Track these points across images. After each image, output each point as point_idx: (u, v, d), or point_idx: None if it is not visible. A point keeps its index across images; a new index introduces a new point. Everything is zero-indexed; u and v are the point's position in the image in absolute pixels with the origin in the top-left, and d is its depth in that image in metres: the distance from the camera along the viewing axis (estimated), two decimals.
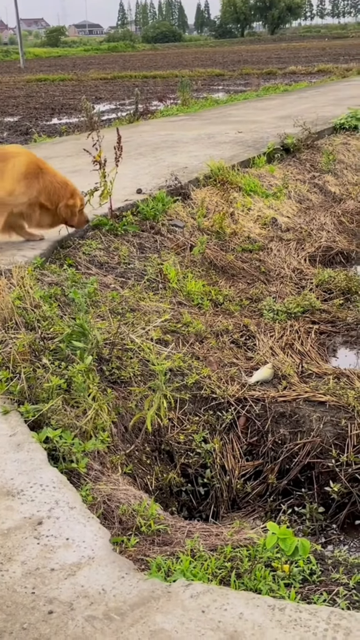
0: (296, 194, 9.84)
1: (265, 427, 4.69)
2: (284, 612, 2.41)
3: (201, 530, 3.26)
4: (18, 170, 5.97)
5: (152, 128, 14.26)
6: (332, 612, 2.42)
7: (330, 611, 2.42)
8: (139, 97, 18.02)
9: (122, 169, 8.16)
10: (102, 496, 3.30)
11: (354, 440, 4.44)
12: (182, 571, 2.71)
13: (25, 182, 5.99)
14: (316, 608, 2.44)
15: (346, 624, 2.35)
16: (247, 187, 9.13)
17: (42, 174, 6.10)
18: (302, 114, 13.91)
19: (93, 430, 3.91)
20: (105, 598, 2.48)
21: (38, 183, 6.06)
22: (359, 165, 11.84)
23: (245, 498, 4.50)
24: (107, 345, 4.76)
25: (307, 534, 4.08)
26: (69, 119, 20.75)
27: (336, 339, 6.12)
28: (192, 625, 2.35)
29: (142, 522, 3.16)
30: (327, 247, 8.33)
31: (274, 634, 2.31)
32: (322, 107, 16.00)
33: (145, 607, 2.44)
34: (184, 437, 4.51)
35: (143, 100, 21.41)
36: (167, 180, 8.40)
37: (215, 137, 12.19)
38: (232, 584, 2.70)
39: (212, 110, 17.58)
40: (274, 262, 7.69)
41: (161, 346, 5.18)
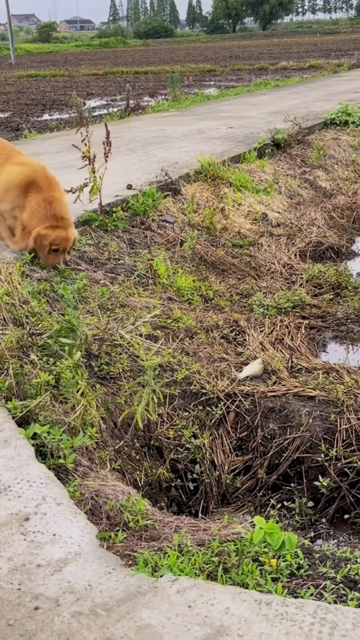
0: (287, 189, 9.83)
1: (255, 422, 4.69)
2: (271, 607, 2.41)
3: (189, 525, 3.25)
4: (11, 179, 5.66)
5: (143, 124, 14.22)
6: (319, 606, 2.41)
7: (317, 605, 2.42)
8: (130, 92, 17.97)
9: (113, 165, 8.14)
10: (90, 492, 3.29)
11: (343, 435, 4.45)
12: (169, 566, 2.71)
13: (13, 194, 5.62)
14: (303, 602, 2.44)
15: (332, 617, 2.35)
16: (237, 182, 9.11)
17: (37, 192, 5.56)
18: (293, 110, 13.90)
19: (82, 426, 3.90)
20: (92, 594, 2.48)
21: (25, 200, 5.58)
22: (349, 160, 11.84)
23: (234, 493, 4.50)
24: (96, 341, 4.75)
25: (296, 528, 4.08)
26: (60, 115, 20.68)
27: (326, 333, 6.12)
28: (178, 620, 2.35)
29: (130, 517, 3.16)
30: (317, 242, 8.32)
31: (260, 628, 2.30)
32: (313, 102, 15.99)
33: (131, 603, 2.44)
34: (174, 433, 4.50)
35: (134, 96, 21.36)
36: (157, 176, 8.37)
37: (206, 133, 12.16)
38: (219, 578, 2.70)
39: (203, 105, 17.55)
40: (264, 258, 7.68)
41: (151, 342, 5.17)
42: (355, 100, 15.53)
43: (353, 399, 4.64)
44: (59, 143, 11.93)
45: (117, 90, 27.46)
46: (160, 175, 8.35)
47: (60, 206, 5.65)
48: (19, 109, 22.72)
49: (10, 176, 5.64)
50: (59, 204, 5.64)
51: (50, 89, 30.05)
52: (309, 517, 4.20)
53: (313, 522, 4.22)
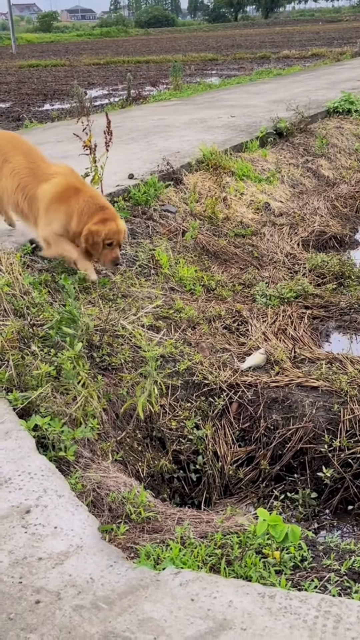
0: (289, 178, 9.76)
1: (258, 412, 4.66)
2: (274, 600, 2.38)
3: (192, 517, 3.23)
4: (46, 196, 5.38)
5: (144, 113, 14.14)
6: (323, 599, 2.39)
7: (321, 598, 2.40)
8: (132, 82, 17.87)
9: (114, 154, 8.08)
10: (92, 484, 3.26)
11: (347, 425, 4.42)
12: (172, 559, 2.68)
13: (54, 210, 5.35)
14: (306, 595, 2.41)
15: (337, 610, 2.32)
16: (239, 171, 9.05)
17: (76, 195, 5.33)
18: (295, 98, 13.81)
19: (83, 417, 3.87)
20: (93, 587, 2.45)
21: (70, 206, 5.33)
22: (352, 149, 11.76)
23: (237, 484, 4.48)
24: (97, 331, 4.71)
25: (299, 519, 4.06)
26: (62, 105, 20.57)
27: (329, 323, 6.08)
28: (181, 613, 2.32)
29: (132, 509, 3.13)
30: (320, 231, 8.27)
31: (264, 622, 2.28)
32: (315, 90, 15.89)
33: (133, 596, 2.41)
34: (176, 424, 4.47)
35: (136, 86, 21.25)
36: (159, 165, 8.31)
37: (207, 122, 12.08)
38: (222, 571, 2.67)
39: (204, 94, 17.45)
40: (266, 247, 7.64)
41: (153, 332, 5.13)
42: (358, 88, 15.42)
43: (357, 389, 4.61)
44: (60, 133, 11.86)
45: (119, 80, 27.31)
46: (162, 164, 8.29)
47: (101, 198, 5.44)
48: (20, 99, 22.61)
49: (44, 194, 5.38)
50: (100, 197, 5.45)
51: (52, 78, 29.90)
52: (313, 509, 4.17)
53: (316, 514, 4.20)
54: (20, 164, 5.59)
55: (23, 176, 5.55)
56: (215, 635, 2.23)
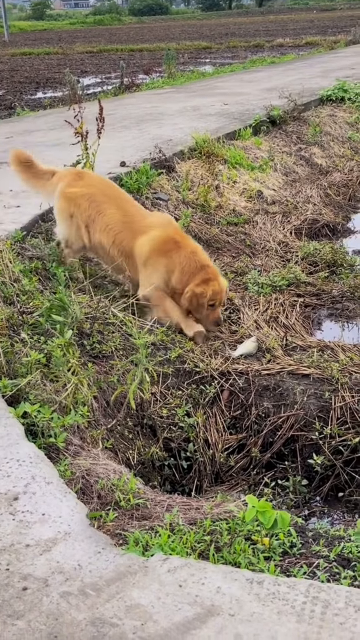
0: (282, 166, 9.73)
1: (249, 400, 4.65)
2: (262, 586, 2.37)
3: (181, 504, 3.22)
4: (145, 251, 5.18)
5: (137, 101, 14.07)
6: (311, 585, 2.38)
7: (309, 584, 2.39)
8: (125, 70, 17.76)
9: (106, 142, 8.03)
10: (81, 471, 3.25)
11: (338, 413, 4.41)
12: (160, 545, 2.67)
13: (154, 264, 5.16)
14: (295, 581, 2.41)
15: (325, 596, 2.32)
16: (232, 159, 9.01)
17: (176, 250, 5.12)
18: (288, 86, 13.75)
19: (73, 404, 3.85)
20: (81, 574, 2.44)
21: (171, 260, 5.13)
22: (345, 137, 11.72)
23: (228, 472, 4.47)
24: (88, 319, 4.69)
25: (290, 506, 4.06)
26: (54, 93, 20.44)
27: (321, 311, 6.07)
28: (168, 600, 2.31)
29: (121, 496, 3.12)
30: (313, 219, 8.25)
31: (252, 608, 2.27)
32: (309, 79, 15.82)
33: (121, 582, 2.40)
34: (167, 411, 4.46)
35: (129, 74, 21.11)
36: (151, 153, 8.28)
37: (200, 110, 12.03)
38: (210, 557, 2.66)
39: (198, 82, 17.36)
40: (259, 235, 7.61)
41: (144, 320, 5.11)
42: (352, 76, 15.37)
43: (348, 376, 4.60)
44: (51, 120, 11.79)
45: (112, 68, 27.15)
46: (154, 152, 8.25)
47: (203, 255, 5.22)
48: (13, 87, 22.47)
49: (142, 249, 5.17)
50: (201, 253, 5.22)
51: (44, 66, 29.71)
52: (303, 496, 4.17)
53: (307, 501, 4.20)
54: (114, 217, 5.34)
55: (118, 231, 5.31)
56: (203, 621, 2.22)
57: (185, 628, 2.19)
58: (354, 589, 2.39)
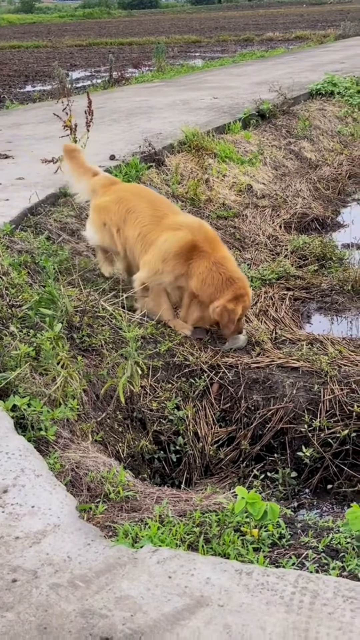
0: (272, 160, 9.73)
1: (239, 393, 4.66)
2: (251, 576, 2.38)
3: (171, 496, 3.22)
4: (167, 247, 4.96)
5: (126, 94, 14.03)
6: (300, 576, 2.39)
7: (298, 574, 2.40)
8: (114, 63, 17.71)
9: (95, 136, 8.01)
10: (71, 464, 3.25)
11: (327, 405, 4.43)
12: (150, 537, 2.68)
13: (172, 264, 4.94)
14: (284, 572, 2.42)
15: (313, 587, 2.33)
16: (222, 153, 9.01)
17: (200, 257, 4.90)
18: (278, 80, 13.73)
19: (62, 398, 3.85)
20: (71, 565, 2.44)
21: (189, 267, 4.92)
22: (335, 131, 11.73)
23: (218, 464, 4.49)
24: (77, 312, 4.68)
25: (279, 498, 4.08)
26: (43, 87, 20.35)
27: (310, 305, 6.09)
28: (158, 591, 2.32)
29: (111, 489, 3.12)
30: (302, 213, 8.27)
31: (241, 598, 2.28)
32: (298, 73, 15.82)
33: (111, 574, 2.40)
34: (157, 405, 4.46)
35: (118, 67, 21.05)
36: (141, 147, 8.26)
37: (190, 103, 12.01)
38: (200, 549, 2.67)
39: (187, 76, 17.32)
40: (249, 229, 7.62)
41: (133, 313, 5.11)
42: (341, 70, 15.37)
43: (337, 369, 4.62)
44: (40, 114, 11.74)
45: (101, 62, 27.05)
46: (144, 146, 8.23)
47: (232, 264, 5.01)
48: (1, 80, 22.34)
49: (166, 244, 4.95)
50: (229, 263, 4.99)
51: (33, 60, 29.55)
52: (292, 488, 4.19)
53: (296, 493, 4.22)
54: (145, 212, 5.17)
55: (145, 224, 5.13)
56: (192, 612, 2.23)
57: (175, 619, 2.20)
58: (343, 579, 2.40)
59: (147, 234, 5.09)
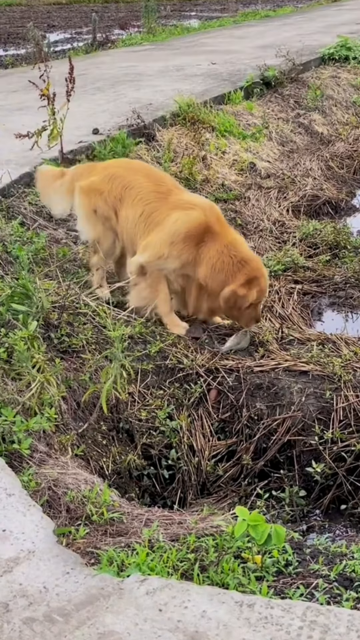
0: (278, 135, 9.76)
1: (240, 401, 4.68)
2: (253, 609, 2.40)
3: (162, 518, 3.24)
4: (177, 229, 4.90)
5: (112, 59, 14.05)
6: (309, 608, 2.41)
7: (306, 607, 2.42)
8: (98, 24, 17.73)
9: (77, 106, 8.02)
10: (48, 481, 3.26)
11: (340, 415, 4.45)
12: (138, 565, 2.69)
13: (180, 247, 4.90)
14: (290, 603, 2.43)
15: (324, 620, 2.34)
16: (221, 126, 9.03)
17: (213, 240, 4.88)
18: (285, 43, 13.74)
19: (38, 406, 3.86)
20: (47, 597, 2.45)
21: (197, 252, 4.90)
22: (350, 101, 11.77)
23: (216, 482, 4.50)
24: (55, 308, 4.69)
25: (286, 520, 4.10)
26: (17, 50, 20.36)
27: (322, 300, 6.11)
28: (147, 626, 2.33)
29: (94, 510, 3.13)
30: (312, 195, 8.30)
31: (241, 634, 2.29)
32: (308, 35, 15.85)
33: (93, 607, 2.41)
34: (146, 414, 4.48)
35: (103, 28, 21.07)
36: (128, 119, 8.28)
37: (185, 70, 12.04)
38: (195, 578, 2.68)
39: (182, 39, 17.35)
40: (252, 214, 7.64)
41: (120, 310, 5.12)
42: (357, 32, 15.41)
43: (351, 373, 4.64)
44: (14, 81, 11.74)
45: (83, 22, 27.05)
46: (132, 118, 8.25)
47: (244, 247, 5.02)
48: None
49: (176, 225, 4.88)
50: (241, 245, 4.99)
51: (6, 20, 29.53)
52: (301, 508, 4.21)
53: (305, 514, 4.24)
54: (146, 187, 5.07)
55: (149, 201, 5.03)
56: None
57: None
58: (357, 612, 2.42)
59: (152, 212, 5.01)
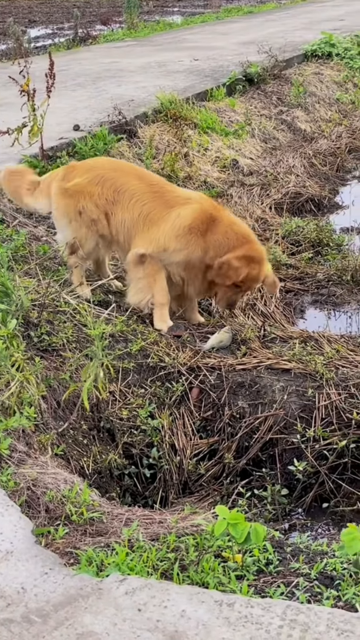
0: (261, 131, 9.78)
1: (222, 399, 4.68)
2: (233, 608, 2.40)
3: (142, 518, 3.23)
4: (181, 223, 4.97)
5: (93, 55, 14.03)
6: (289, 607, 2.41)
7: (286, 605, 2.42)
8: (79, 19, 17.68)
9: (57, 102, 7.99)
10: (27, 481, 3.25)
11: (322, 413, 4.46)
12: (117, 564, 2.69)
13: (185, 240, 4.98)
14: (270, 602, 2.44)
15: (304, 619, 2.35)
16: (203, 123, 9.04)
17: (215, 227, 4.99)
18: (268, 39, 13.76)
19: (17, 405, 3.84)
20: (25, 598, 2.45)
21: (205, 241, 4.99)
22: (333, 98, 11.80)
23: (198, 481, 4.50)
24: (35, 307, 4.68)
25: (268, 519, 4.10)
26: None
27: (304, 298, 6.13)
28: (125, 626, 2.33)
29: (73, 509, 3.12)
30: (295, 193, 8.31)
31: (221, 633, 2.30)
32: (291, 31, 15.88)
33: (71, 607, 2.41)
34: (128, 413, 4.47)
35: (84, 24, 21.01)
36: (109, 115, 8.28)
37: (167, 66, 12.04)
38: (174, 577, 2.68)
39: (164, 34, 17.34)
40: (234, 211, 7.61)
41: (101, 308, 5.11)
42: (340, 29, 15.45)
43: (334, 371, 4.65)
44: None
45: (65, 17, 26.95)
46: (113, 114, 8.25)
47: (243, 226, 5.18)
48: None
49: (179, 220, 4.97)
50: (240, 224, 5.17)
51: None
52: (283, 507, 4.21)
53: (287, 512, 4.24)
54: (139, 189, 5.11)
55: (145, 202, 5.07)
56: None
57: None
58: (337, 610, 2.43)
59: (150, 212, 5.07)
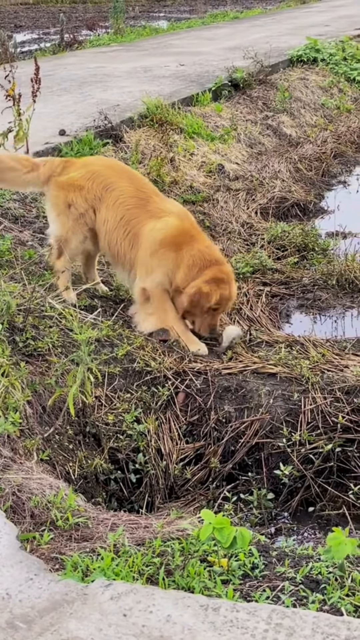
0: (246, 136, 9.80)
1: (208, 403, 4.68)
2: (219, 613, 2.40)
3: (128, 523, 3.23)
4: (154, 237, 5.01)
5: (79, 60, 14.02)
6: (274, 611, 2.41)
7: (272, 609, 2.42)
8: (65, 24, 17.68)
9: (43, 107, 8.01)
10: (12, 487, 3.24)
11: (308, 417, 4.47)
12: (103, 570, 2.68)
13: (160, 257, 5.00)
14: (255, 607, 2.44)
15: (289, 623, 2.35)
16: (189, 128, 9.05)
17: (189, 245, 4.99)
18: (254, 45, 13.81)
19: (2, 410, 3.83)
20: (10, 604, 2.43)
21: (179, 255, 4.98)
22: (318, 103, 11.84)
23: (184, 485, 4.50)
24: (20, 311, 4.66)
25: (254, 524, 4.10)
26: None
27: (290, 302, 6.15)
28: (111, 631, 2.32)
29: (58, 515, 3.12)
30: (281, 198, 8.33)
31: (206, 638, 2.29)
32: (277, 36, 15.93)
33: (57, 613, 2.40)
34: (113, 418, 4.47)
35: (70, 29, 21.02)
36: (95, 120, 8.29)
37: (153, 71, 12.05)
38: (160, 582, 2.68)
39: (150, 40, 17.36)
40: (220, 216, 7.66)
41: (86, 312, 5.11)
42: (325, 34, 15.51)
43: (319, 375, 4.67)
44: None
45: (51, 22, 26.96)
46: (99, 119, 8.26)
47: (217, 252, 5.17)
48: None
49: (151, 235, 5.01)
50: (216, 250, 5.17)
51: None
52: (269, 511, 4.22)
53: (273, 517, 4.25)
54: (127, 191, 5.14)
55: (129, 207, 5.11)
56: None
57: None
58: (323, 614, 2.43)
59: (131, 219, 5.10)
